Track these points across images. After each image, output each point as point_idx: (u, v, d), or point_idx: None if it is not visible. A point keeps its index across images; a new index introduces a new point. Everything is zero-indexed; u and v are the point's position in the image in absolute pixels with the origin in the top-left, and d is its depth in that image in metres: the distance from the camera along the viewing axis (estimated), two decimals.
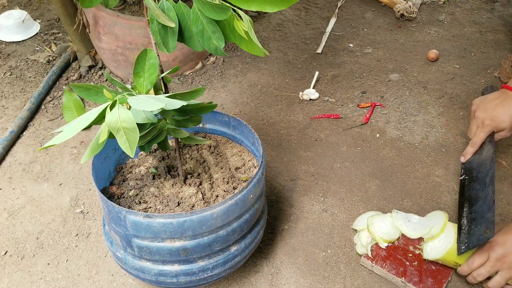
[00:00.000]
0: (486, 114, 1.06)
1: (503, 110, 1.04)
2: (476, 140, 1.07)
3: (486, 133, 1.06)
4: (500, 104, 1.05)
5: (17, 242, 1.12)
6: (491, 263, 0.91)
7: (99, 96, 0.71)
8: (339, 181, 1.25)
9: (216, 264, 0.88)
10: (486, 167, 1.00)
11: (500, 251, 0.90)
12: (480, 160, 1.05)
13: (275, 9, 0.65)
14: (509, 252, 0.89)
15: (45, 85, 1.56)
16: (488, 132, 1.06)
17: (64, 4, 1.52)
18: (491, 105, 1.07)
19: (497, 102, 1.06)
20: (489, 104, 1.07)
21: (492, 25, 1.88)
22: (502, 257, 0.90)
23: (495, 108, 1.05)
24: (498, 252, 0.90)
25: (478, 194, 0.97)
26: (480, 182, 0.99)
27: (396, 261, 1.01)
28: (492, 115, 1.05)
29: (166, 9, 0.73)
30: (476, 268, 0.92)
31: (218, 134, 1.08)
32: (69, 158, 1.34)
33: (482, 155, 1.05)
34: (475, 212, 0.95)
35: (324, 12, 2.01)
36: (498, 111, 1.05)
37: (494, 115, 1.05)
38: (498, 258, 0.90)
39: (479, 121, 1.08)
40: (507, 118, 1.04)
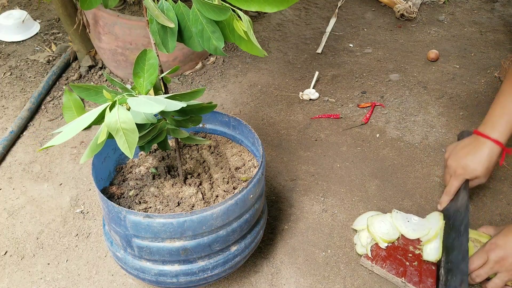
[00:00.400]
0: (457, 164, 1.04)
1: (473, 158, 1.02)
2: (450, 189, 1.06)
3: (459, 182, 1.04)
4: (470, 152, 1.03)
5: (17, 242, 1.12)
6: (490, 265, 0.91)
7: (98, 96, 0.71)
8: (339, 181, 1.25)
9: (216, 264, 0.88)
10: (461, 215, 0.99)
11: (499, 253, 0.90)
12: (456, 207, 1.03)
13: (275, 9, 0.65)
14: (508, 255, 0.89)
15: (45, 85, 1.56)
16: (461, 181, 1.04)
17: (64, 4, 1.52)
18: (462, 153, 1.04)
19: (468, 150, 1.03)
20: (460, 152, 1.05)
21: (492, 25, 1.88)
22: (502, 259, 0.90)
23: (466, 157, 1.03)
24: (497, 255, 0.90)
25: (453, 243, 0.96)
26: (455, 231, 0.98)
27: (396, 261, 1.01)
28: (464, 164, 1.03)
29: (165, 9, 0.73)
30: (475, 270, 0.92)
31: (218, 134, 1.08)
32: (69, 158, 1.34)
33: (458, 203, 1.03)
34: (451, 262, 0.94)
35: (324, 12, 2.01)
36: (468, 159, 1.02)
37: (465, 163, 1.02)
38: (497, 261, 0.90)
39: (451, 170, 1.06)
40: (478, 166, 1.01)
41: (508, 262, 0.89)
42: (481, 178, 1.04)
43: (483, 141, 1.02)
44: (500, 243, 0.90)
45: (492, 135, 1.01)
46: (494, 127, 1.01)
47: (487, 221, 1.13)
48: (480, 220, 1.13)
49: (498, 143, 1.01)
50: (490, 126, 1.02)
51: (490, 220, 1.13)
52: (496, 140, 1.01)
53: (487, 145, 1.01)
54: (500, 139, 1.01)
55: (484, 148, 1.01)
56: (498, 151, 1.01)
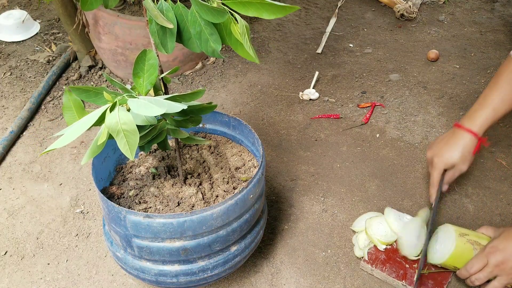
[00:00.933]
0: (433, 153, 1.08)
1: (448, 147, 1.05)
2: (432, 180, 1.09)
3: (438, 171, 1.07)
4: (447, 143, 1.06)
5: (17, 242, 1.12)
6: (489, 269, 0.91)
7: (98, 97, 0.71)
8: (339, 181, 1.25)
9: (216, 264, 0.88)
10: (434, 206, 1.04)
11: (499, 257, 0.90)
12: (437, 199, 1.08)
13: (272, 16, 0.65)
14: (508, 259, 0.89)
15: (45, 85, 1.56)
16: (440, 170, 1.07)
17: (64, 4, 1.52)
18: (440, 144, 1.08)
19: (445, 141, 1.07)
20: (438, 144, 1.09)
21: (492, 25, 1.88)
22: (501, 263, 0.89)
23: (442, 146, 1.07)
24: (497, 258, 0.90)
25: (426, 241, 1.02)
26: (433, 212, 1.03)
27: (396, 264, 1.01)
28: (439, 153, 1.06)
29: (164, 10, 0.73)
30: (474, 273, 0.92)
31: (218, 134, 1.08)
32: (69, 158, 1.34)
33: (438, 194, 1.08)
34: None
35: (324, 12, 2.01)
36: (444, 148, 1.06)
37: (440, 152, 1.06)
38: (497, 264, 0.90)
39: (429, 161, 1.10)
40: (452, 154, 1.05)
41: (508, 266, 0.89)
42: (459, 166, 1.06)
43: (459, 131, 1.06)
44: (500, 247, 0.90)
45: (467, 125, 1.05)
46: (471, 119, 1.05)
47: (487, 221, 1.13)
48: (480, 220, 1.13)
49: (472, 133, 1.04)
50: (467, 118, 1.06)
51: (490, 220, 1.13)
52: (470, 130, 1.04)
53: (462, 135, 1.05)
54: (475, 130, 1.04)
55: (459, 138, 1.05)
56: (472, 141, 1.04)
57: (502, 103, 1.03)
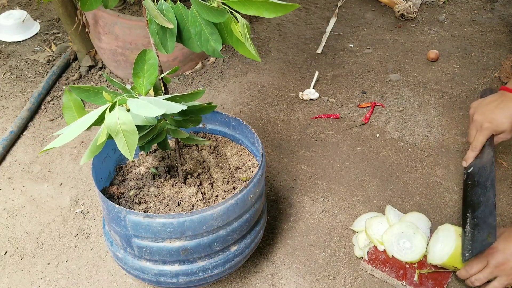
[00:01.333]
0: (484, 117, 1.04)
1: (501, 112, 1.02)
2: (476, 144, 1.05)
3: (485, 136, 1.04)
4: (498, 106, 1.03)
5: (17, 242, 1.12)
6: (489, 270, 0.91)
7: (98, 97, 0.71)
8: (339, 181, 1.25)
9: (216, 264, 0.88)
10: (487, 171, 0.98)
11: (499, 258, 0.90)
12: (481, 164, 1.03)
13: (272, 15, 0.65)
14: (508, 260, 0.89)
15: (45, 85, 1.56)
16: (487, 135, 1.04)
17: (64, 4, 1.52)
18: (489, 107, 1.04)
19: (496, 104, 1.04)
20: (487, 107, 1.05)
21: (492, 25, 1.87)
22: (501, 264, 0.89)
23: (494, 110, 1.03)
24: (497, 259, 0.90)
25: (480, 199, 0.96)
26: (481, 187, 0.97)
27: (396, 264, 1.01)
28: (491, 118, 1.03)
29: (164, 10, 0.73)
30: (474, 274, 0.92)
31: (218, 134, 1.08)
32: (69, 158, 1.34)
33: (483, 159, 1.03)
34: (477, 217, 0.94)
35: (324, 12, 2.01)
36: (496, 113, 1.03)
37: (492, 117, 1.03)
38: (497, 265, 0.90)
39: (477, 124, 1.06)
40: (505, 120, 1.02)
41: (508, 267, 0.89)
42: (506, 133, 1.04)
43: (511, 96, 1.02)
44: (500, 248, 0.90)
45: None
46: None
47: None
48: None
49: None
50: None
51: None
52: None
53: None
54: None
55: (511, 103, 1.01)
56: None
57: None
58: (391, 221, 1.06)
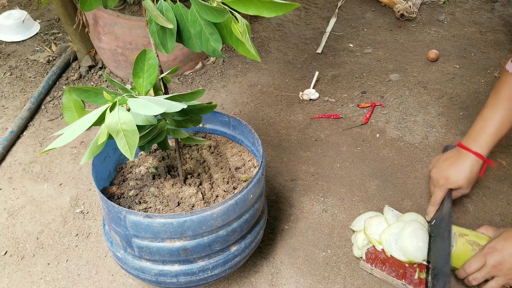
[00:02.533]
0: (439, 174, 1.07)
1: (455, 170, 1.04)
2: (435, 199, 1.08)
3: (443, 192, 1.07)
4: (453, 164, 1.05)
5: (17, 242, 1.12)
6: (487, 269, 0.91)
7: (98, 97, 0.71)
8: (339, 181, 1.25)
9: (216, 264, 0.88)
10: (445, 222, 1.01)
11: (497, 258, 0.90)
12: (441, 216, 1.05)
13: (273, 14, 0.65)
14: (505, 260, 0.89)
15: (45, 85, 1.56)
16: (445, 191, 1.06)
17: (64, 4, 1.52)
18: (444, 164, 1.07)
19: (451, 162, 1.06)
20: (443, 164, 1.07)
21: (492, 25, 1.88)
22: (499, 264, 0.90)
23: (449, 168, 1.05)
24: (495, 259, 0.90)
25: (439, 250, 0.98)
26: (440, 237, 1.00)
27: (396, 263, 1.01)
28: (446, 175, 1.05)
29: (164, 10, 0.73)
30: (472, 273, 0.93)
31: (218, 134, 1.08)
32: (69, 158, 1.34)
33: (443, 211, 1.06)
34: (436, 267, 0.96)
35: (324, 12, 2.01)
36: (451, 170, 1.05)
37: (447, 174, 1.05)
38: (494, 265, 0.90)
39: (435, 181, 1.08)
40: (459, 178, 1.03)
41: (506, 267, 0.89)
42: (464, 189, 1.06)
43: (465, 153, 1.05)
44: (498, 247, 0.91)
45: (473, 148, 1.04)
46: (476, 140, 1.04)
47: (487, 221, 1.13)
48: (480, 220, 1.13)
49: (479, 155, 1.03)
50: (472, 139, 1.05)
51: (490, 220, 1.13)
52: (477, 153, 1.03)
53: (468, 158, 1.04)
54: (481, 152, 1.03)
55: (466, 161, 1.04)
56: (479, 163, 1.04)
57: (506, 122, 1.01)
58: (390, 221, 1.06)
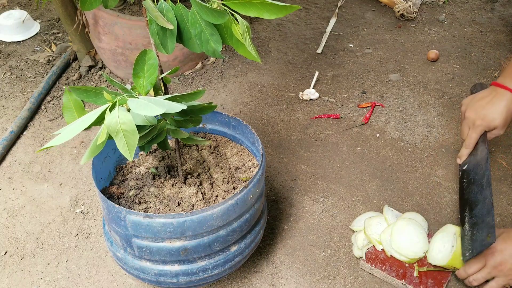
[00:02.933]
0: (476, 114, 1.02)
1: (493, 109, 1.00)
2: (469, 141, 1.04)
3: (478, 133, 1.03)
4: (490, 102, 1.01)
5: (17, 242, 1.12)
6: (487, 270, 0.91)
7: (98, 97, 0.71)
8: (339, 181, 1.25)
9: (216, 264, 0.88)
10: (482, 169, 0.97)
11: (497, 259, 0.90)
12: (476, 161, 1.02)
13: (273, 16, 0.65)
14: (506, 261, 0.89)
15: (45, 85, 1.56)
16: (480, 132, 1.03)
17: (64, 4, 1.52)
18: (480, 103, 1.02)
19: (487, 101, 1.02)
20: (478, 103, 1.03)
21: (492, 25, 1.88)
22: (499, 265, 0.90)
23: (485, 107, 1.01)
24: (495, 260, 0.90)
25: (477, 197, 0.95)
26: (477, 185, 0.96)
27: (396, 263, 1.01)
28: (483, 114, 1.01)
29: (164, 10, 0.73)
30: (472, 274, 0.93)
31: (218, 134, 1.08)
32: (69, 158, 1.34)
33: (477, 156, 1.02)
34: (475, 216, 0.93)
35: (324, 12, 2.01)
36: (488, 109, 1.01)
37: (484, 114, 1.01)
38: (495, 266, 0.90)
39: (469, 121, 1.04)
40: (497, 116, 1.00)
41: (506, 268, 0.89)
42: (499, 129, 1.02)
43: (502, 92, 1.00)
44: (498, 248, 0.90)
45: (510, 86, 0.99)
46: None
47: None
48: None
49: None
50: (509, 78, 1.00)
51: None
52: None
53: (506, 96, 0.99)
54: None
55: (503, 99, 0.99)
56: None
57: None
58: (389, 221, 1.06)
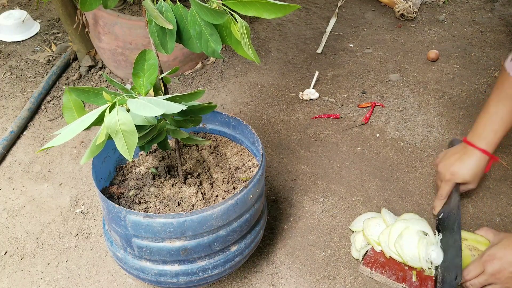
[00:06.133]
0: (446, 169, 1.08)
1: (461, 165, 1.05)
2: (442, 193, 1.09)
3: (450, 186, 1.08)
4: (459, 159, 1.06)
5: (17, 242, 1.12)
6: (485, 277, 0.91)
7: (98, 98, 0.71)
8: (339, 181, 1.25)
9: (216, 264, 0.88)
10: (454, 215, 1.02)
11: (496, 266, 0.90)
12: (449, 209, 1.07)
13: (272, 16, 0.65)
14: (504, 268, 0.89)
15: (45, 85, 1.56)
16: (451, 185, 1.08)
17: (64, 4, 1.52)
18: (451, 160, 1.08)
19: (457, 157, 1.07)
20: (449, 160, 1.08)
21: (492, 25, 1.87)
22: (497, 272, 0.90)
23: (454, 163, 1.06)
24: (494, 267, 0.90)
25: (448, 242, 0.99)
26: (450, 230, 1.01)
27: (395, 267, 1.01)
28: (453, 170, 1.06)
29: (164, 11, 0.73)
30: (470, 279, 0.93)
31: (218, 134, 1.08)
32: (69, 158, 1.34)
33: (450, 205, 1.07)
34: (447, 260, 0.97)
35: (324, 12, 2.01)
36: (457, 166, 1.06)
37: (453, 170, 1.06)
38: (493, 273, 0.90)
39: (441, 175, 1.09)
40: (466, 173, 1.05)
41: (504, 276, 0.89)
42: (470, 184, 1.08)
43: (471, 149, 1.05)
44: (498, 256, 0.91)
45: (478, 145, 1.04)
46: (481, 137, 1.05)
47: (487, 221, 1.13)
48: (480, 220, 1.13)
49: (485, 152, 1.04)
50: (477, 136, 1.05)
51: (490, 220, 1.13)
52: (483, 150, 1.04)
53: (474, 154, 1.05)
54: (487, 148, 1.04)
55: (472, 157, 1.05)
56: (485, 159, 1.05)
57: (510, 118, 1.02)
58: (388, 222, 1.06)
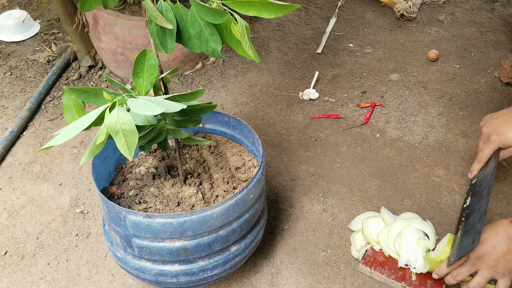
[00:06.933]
0: (492, 130, 1.04)
1: (509, 126, 1.01)
2: (482, 155, 1.05)
3: (492, 149, 1.04)
4: (507, 120, 1.02)
5: (17, 242, 1.12)
6: (470, 262, 0.89)
7: (98, 98, 0.71)
8: (339, 181, 1.25)
9: (216, 264, 0.88)
10: (486, 181, 0.99)
11: (480, 250, 0.88)
12: (484, 175, 1.03)
13: (272, 16, 0.65)
14: (488, 251, 0.88)
15: (45, 85, 1.56)
16: (494, 148, 1.03)
17: (64, 4, 1.53)
18: (498, 120, 1.04)
19: (505, 118, 1.03)
20: (496, 120, 1.04)
21: (492, 25, 1.87)
22: (482, 256, 0.88)
23: (502, 124, 1.03)
24: (478, 251, 0.88)
25: (474, 207, 0.96)
26: (478, 196, 0.98)
27: (395, 266, 1.01)
28: (499, 131, 1.02)
29: (164, 11, 0.73)
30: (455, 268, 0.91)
31: (218, 134, 1.08)
32: (69, 158, 1.34)
33: (486, 170, 1.03)
34: (468, 224, 0.94)
35: (324, 12, 2.01)
36: (504, 126, 1.02)
37: (500, 130, 1.02)
38: (477, 257, 0.89)
39: (485, 136, 1.05)
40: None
41: (489, 259, 0.87)
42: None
43: None
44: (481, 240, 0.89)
45: None
46: None
47: (487, 221, 1.13)
48: None
49: None
50: None
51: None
52: None
53: None
54: None
55: None
56: None
57: None
58: (387, 221, 1.06)
